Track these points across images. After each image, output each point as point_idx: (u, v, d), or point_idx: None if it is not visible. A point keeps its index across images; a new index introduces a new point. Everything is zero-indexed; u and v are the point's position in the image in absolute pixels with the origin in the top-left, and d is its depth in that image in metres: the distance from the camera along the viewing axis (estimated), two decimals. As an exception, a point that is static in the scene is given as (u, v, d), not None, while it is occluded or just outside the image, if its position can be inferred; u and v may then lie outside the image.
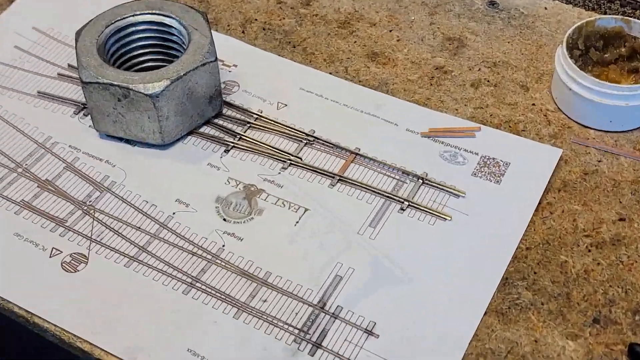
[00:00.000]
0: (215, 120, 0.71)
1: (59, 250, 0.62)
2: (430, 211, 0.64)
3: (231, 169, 0.67)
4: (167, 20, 0.70)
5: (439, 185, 0.65)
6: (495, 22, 0.79)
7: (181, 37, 0.70)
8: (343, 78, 0.75)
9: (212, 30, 0.69)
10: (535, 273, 0.60)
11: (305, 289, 0.59)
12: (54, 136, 0.70)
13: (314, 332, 0.57)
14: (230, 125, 0.71)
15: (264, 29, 0.80)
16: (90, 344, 0.57)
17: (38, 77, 0.76)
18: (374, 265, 0.60)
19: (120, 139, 0.70)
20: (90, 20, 0.70)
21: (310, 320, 0.58)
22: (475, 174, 0.66)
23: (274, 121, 0.71)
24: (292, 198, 0.65)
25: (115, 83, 0.64)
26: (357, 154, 0.68)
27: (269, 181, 0.66)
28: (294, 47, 0.78)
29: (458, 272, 0.60)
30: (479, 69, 0.75)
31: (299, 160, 0.68)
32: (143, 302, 0.59)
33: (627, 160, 0.67)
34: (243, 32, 0.80)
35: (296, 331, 0.57)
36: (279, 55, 0.77)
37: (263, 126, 0.71)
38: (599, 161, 0.67)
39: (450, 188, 0.65)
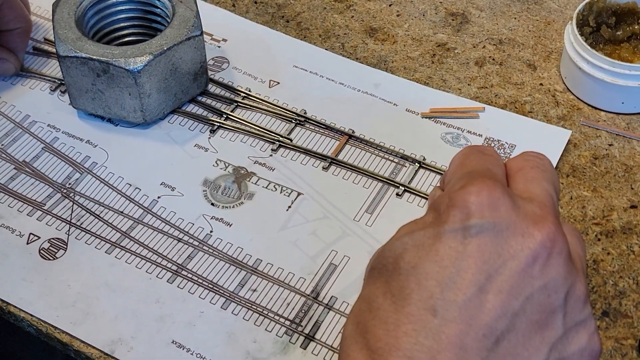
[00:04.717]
0: (201, 99, 0.70)
1: (36, 236, 0.62)
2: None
3: (220, 150, 0.67)
4: (150, -9, 0.70)
5: (439, 170, 0.65)
6: (502, -4, 0.79)
7: (165, 9, 0.69)
8: (339, 55, 0.74)
9: (200, 2, 0.68)
10: (541, 263, 0.60)
11: (297, 278, 0.59)
12: (32, 115, 0.70)
13: (307, 324, 0.57)
14: (216, 104, 0.70)
15: (255, 2, 0.79)
16: (70, 335, 0.56)
17: (14, 51, 0.75)
18: (370, 254, 0.58)
19: (103, 118, 0.69)
20: (69, -9, 0.69)
21: (303, 311, 0.57)
22: (478, 158, 0.66)
23: (262, 100, 0.70)
24: (284, 182, 0.65)
25: (94, 57, 0.64)
26: (350, 135, 0.67)
27: (260, 163, 0.66)
28: (287, 21, 0.77)
29: (459, 261, 0.59)
30: (484, 47, 0.75)
31: (288, 141, 0.67)
32: (125, 291, 0.58)
33: (640, 144, 0.67)
34: (233, 5, 0.79)
35: (287, 322, 0.57)
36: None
37: (251, 105, 0.70)
38: (610, 145, 0.67)
39: (452, 172, 0.64)
